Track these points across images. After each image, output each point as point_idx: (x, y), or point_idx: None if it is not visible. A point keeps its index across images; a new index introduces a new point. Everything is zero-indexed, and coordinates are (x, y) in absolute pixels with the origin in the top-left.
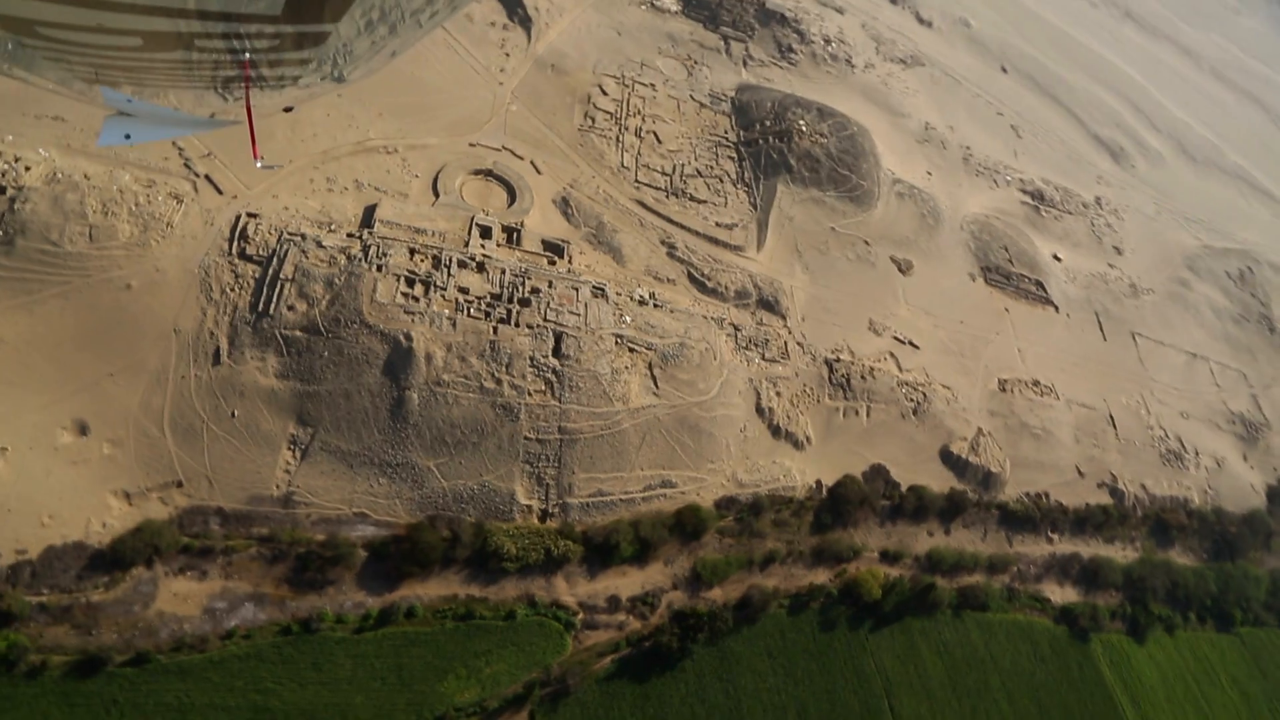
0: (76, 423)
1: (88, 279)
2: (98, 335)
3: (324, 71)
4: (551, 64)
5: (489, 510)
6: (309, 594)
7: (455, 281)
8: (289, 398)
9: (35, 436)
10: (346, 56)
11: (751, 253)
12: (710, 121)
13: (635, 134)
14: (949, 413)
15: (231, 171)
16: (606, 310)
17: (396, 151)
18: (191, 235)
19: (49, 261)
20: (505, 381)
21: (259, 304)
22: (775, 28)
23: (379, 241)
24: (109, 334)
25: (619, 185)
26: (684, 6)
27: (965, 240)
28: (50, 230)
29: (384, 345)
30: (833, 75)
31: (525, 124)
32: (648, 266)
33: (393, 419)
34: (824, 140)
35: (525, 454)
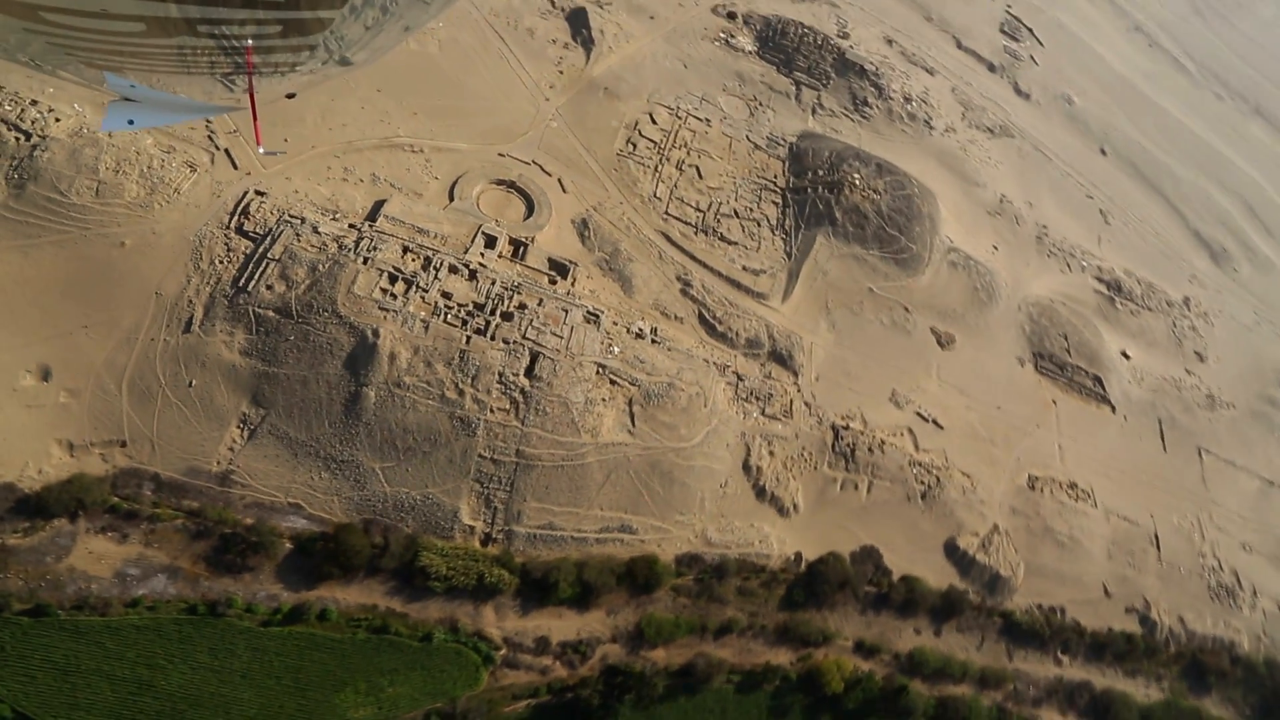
0: (41, 367)
1: (86, 232)
2: (83, 287)
3: (325, 56)
4: (605, 87)
5: (428, 524)
6: (224, 577)
7: (440, 285)
8: (248, 376)
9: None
10: (341, 41)
11: (775, 302)
12: (761, 163)
13: (676, 166)
14: (963, 503)
15: (252, 149)
16: (594, 337)
17: (421, 151)
18: (196, 204)
19: (53, 210)
20: (469, 394)
21: (240, 279)
22: (852, 79)
23: (374, 235)
24: (93, 287)
25: (646, 215)
26: (760, 48)
27: (1020, 322)
28: (60, 180)
29: (350, 338)
30: (907, 134)
31: (562, 142)
32: (656, 300)
33: (345, 414)
34: (876, 197)
35: (477, 472)
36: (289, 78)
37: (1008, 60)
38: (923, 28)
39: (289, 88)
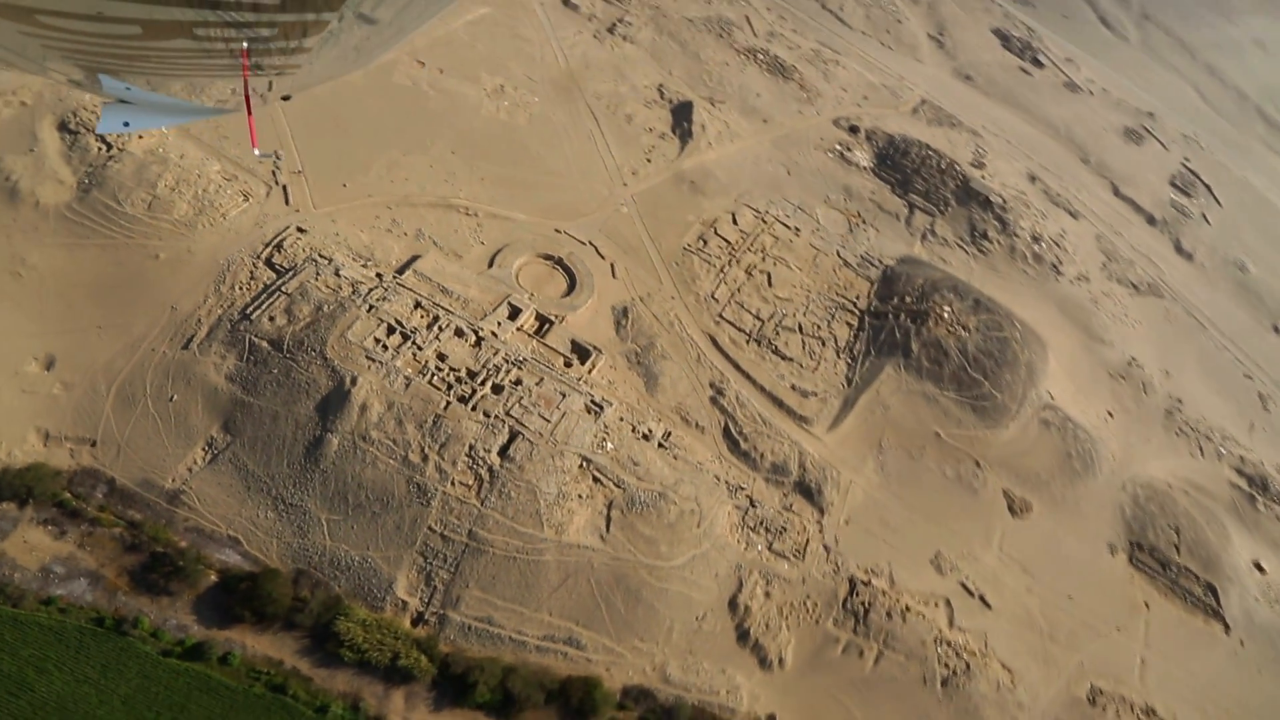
0: (47, 357)
1: (129, 240)
2: (109, 290)
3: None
4: (691, 180)
5: (361, 589)
6: (142, 595)
7: (439, 346)
8: (226, 401)
9: (9, 357)
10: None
11: (819, 429)
12: (845, 281)
13: (746, 270)
14: (995, 701)
15: (311, 190)
16: (587, 428)
17: (475, 215)
18: (236, 231)
19: (107, 216)
20: (433, 461)
21: (248, 307)
22: (974, 209)
23: (392, 286)
24: (118, 292)
25: (696, 314)
26: (876, 164)
27: (1121, 503)
28: (121, 190)
29: (329, 381)
30: (1028, 276)
31: (627, 228)
32: (680, 404)
33: (306, 457)
34: (964, 334)
35: (423, 544)
36: (284, 80)
37: (1172, 215)
38: (1076, 169)
39: (284, 89)
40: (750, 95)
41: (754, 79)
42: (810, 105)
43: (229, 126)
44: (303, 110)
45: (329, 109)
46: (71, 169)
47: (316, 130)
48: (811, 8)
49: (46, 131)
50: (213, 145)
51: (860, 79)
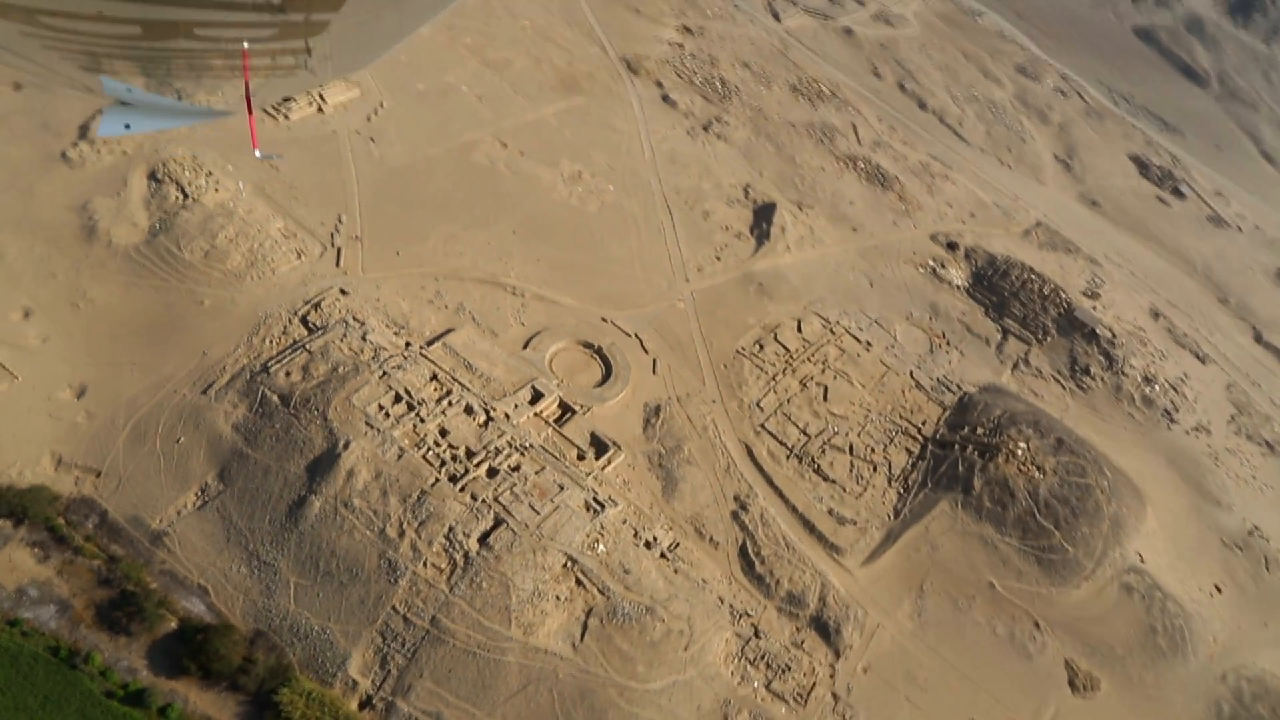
0: (80, 386)
1: (180, 285)
2: (151, 329)
3: (320, 62)
4: (760, 282)
5: (314, 660)
6: (103, 632)
7: (443, 421)
8: (227, 450)
9: (47, 383)
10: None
11: (851, 561)
12: (913, 404)
13: (801, 381)
14: None
15: (364, 255)
16: (580, 526)
17: (521, 295)
18: (282, 286)
19: (166, 260)
20: (409, 538)
21: (270, 361)
22: (1077, 341)
23: (415, 356)
24: (159, 332)
25: (736, 421)
26: (972, 284)
27: (1218, 696)
28: (184, 238)
29: (324, 442)
30: (1134, 421)
31: (679, 324)
32: (696, 515)
33: (287, 516)
34: (1037, 475)
35: (384, 624)
36: (284, 80)
37: None
38: (1212, 310)
39: (285, 91)
40: (843, 202)
41: (850, 186)
42: (908, 218)
43: (303, 186)
44: (375, 179)
45: (402, 180)
46: (148, 214)
47: (385, 198)
48: (927, 121)
49: (136, 178)
50: (282, 203)
51: (970, 196)
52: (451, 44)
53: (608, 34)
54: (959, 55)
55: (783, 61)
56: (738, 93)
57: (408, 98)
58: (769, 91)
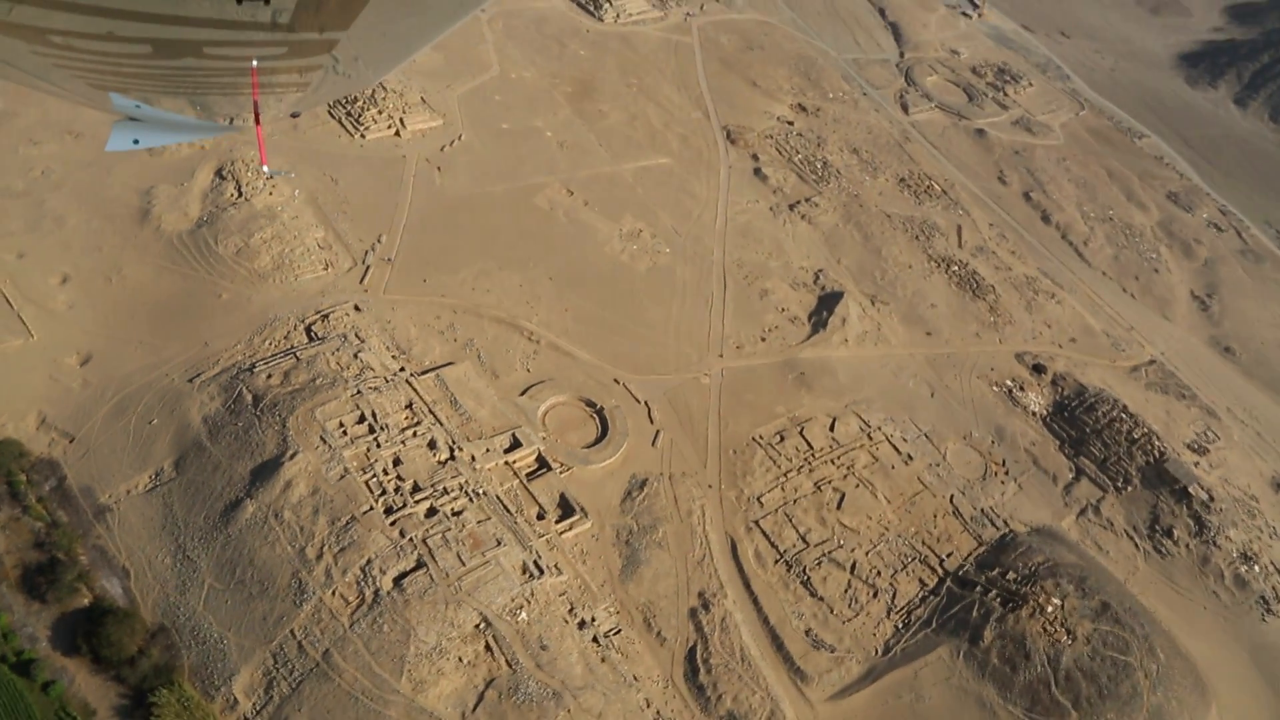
0: (86, 354)
1: (207, 276)
2: (168, 313)
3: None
4: (802, 371)
5: (204, 668)
6: (21, 594)
7: (400, 450)
8: (190, 439)
9: (58, 346)
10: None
11: (814, 692)
12: (944, 533)
13: (816, 483)
14: None
15: (390, 277)
16: (506, 587)
17: (536, 342)
18: (299, 293)
19: (201, 251)
20: (325, 563)
21: (259, 361)
22: (1164, 498)
23: (398, 380)
24: (173, 317)
25: (728, 512)
26: (1050, 413)
27: None
28: (222, 233)
29: (275, 449)
30: (1220, 602)
31: (697, 400)
32: (649, 603)
33: (222, 516)
34: (1064, 639)
35: (279, 647)
36: (293, 98)
37: None
38: None
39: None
40: (923, 303)
41: (936, 288)
42: (995, 331)
43: (355, 202)
44: (428, 206)
45: (454, 210)
46: (201, 206)
47: (431, 225)
48: (1046, 235)
49: (203, 172)
50: (329, 214)
51: (1076, 319)
52: (550, 90)
53: (716, 102)
54: (1103, 173)
55: (897, 153)
56: (838, 176)
57: (488, 134)
58: (872, 180)
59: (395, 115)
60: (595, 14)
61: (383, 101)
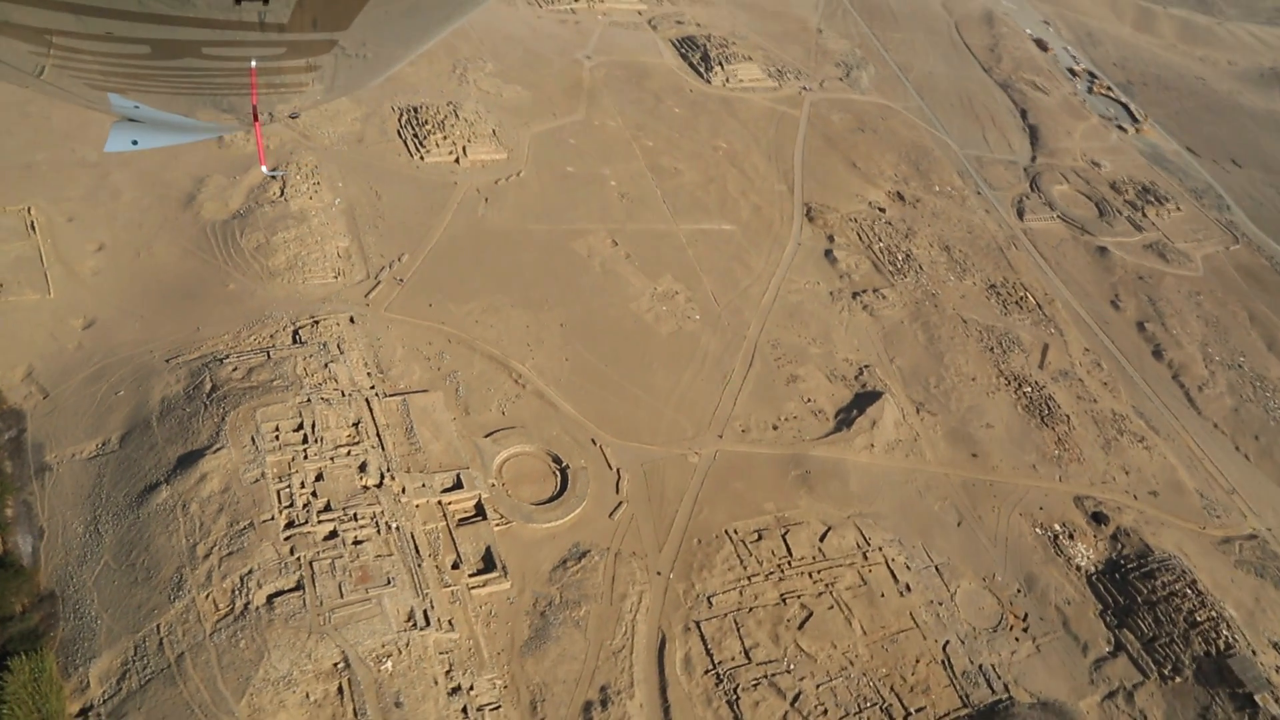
0: (90, 320)
1: (224, 265)
2: (177, 294)
3: (330, 80)
4: (807, 470)
5: (72, 644)
6: None
7: (326, 466)
8: (143, 417)
9: (69, 309)
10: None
11: None
12: (923, 680)
13: (783, 595)
14: None
15: (398, 297)
16: (379, 630)
17: (523, 386)
18: (302, 296)
19: (226, 242)
20: (210, 563)
21: (232, 354)
22: (1219, 701)
23: (356, 398)
24: (179, 298)
25: (670, 606)
26: (1098, 570)
27: None
28: (249, 228)
29: (206, 440)
30: None
31: (677, 478)
32: (542, 685)
33: (139, 496)
34: None
35: (143, 639)
36: (291, 100)
37: None
38: None
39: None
40: (976, 421)
41: (997, 407)
42: (1057, 467)
43: (390, 219)
44: (461, 233)
45: (487, 242)
46: (243, 200)
47: (457, 252)
48: (1154, 372)
49: (257, 170)
50: (361, 226)
51: (1165, 471)
52: (629, 142)
53: (806, 178)
54: (1243, 315)
55: (995, 257)
56: (918, 271)
57: (550, 175)
58: (957, 281)
59: (460, 143)
60: (704, 75)
61: (450, 128)
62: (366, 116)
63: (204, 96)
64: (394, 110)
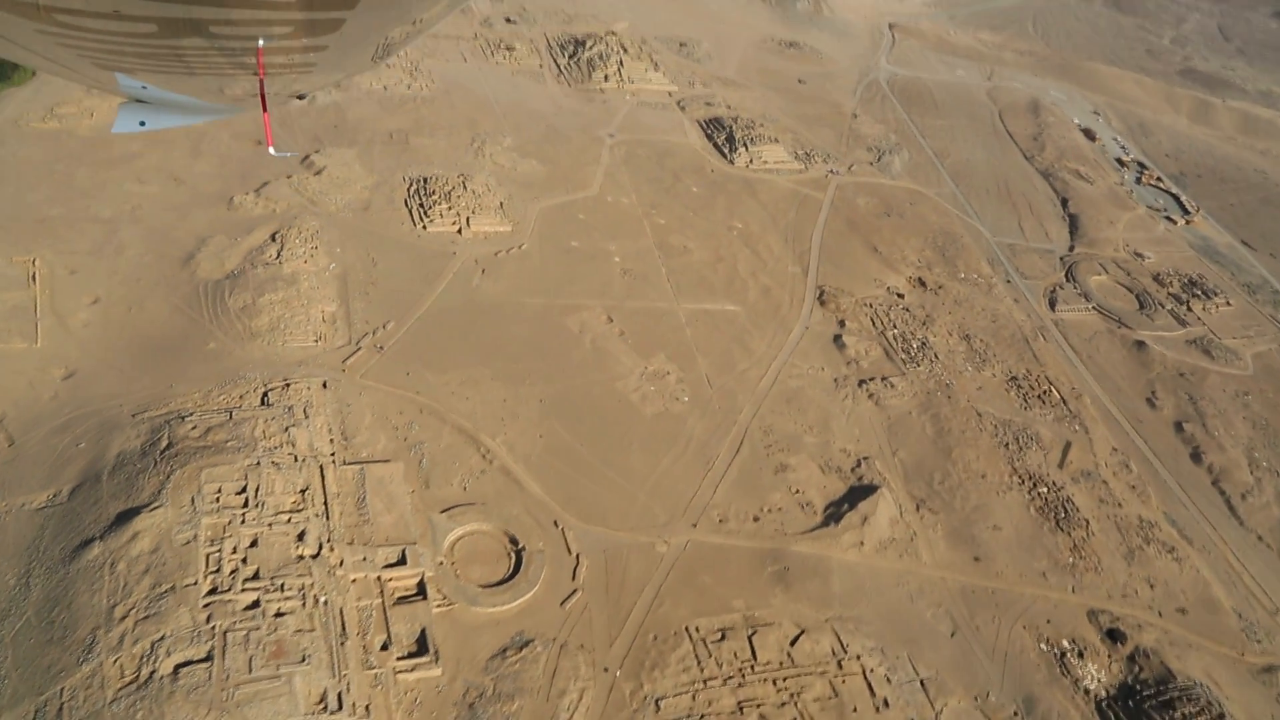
0: (71, 371)
1: (209, 324)
2: (159, 350)
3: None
4: (787, 567)
5: None
6: None
7: (263, 533)
8: (95, 471)
9: (54, 357)
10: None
11: None
12: None
13: (740, 703)
14: None
15: (375, 365)
16: (285, 712)
17: (489, 462)
18: (279, 358)
19: (214, 301)
20: (124, 626)
21: (194, 413)
22: None
23: (309, 463)
24: (161, 355)
25: (611, 707)
26: (1111, 695)
27: None
28: (239, 288)
29: (147, 497)
30: None
31: (641, 568)
32: None
33: (72, 551)
34: None
35: (45, 703)
36: (299, 80)
37: None
38: None
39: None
40: (982, 522)
41: (1007, 508)
42: (1070, 576)
43: (382, 286)
44: (451, 304)
45: (477, 314)
46: (239, 261)
47: (444, 322)
48: (1191, 477)
49: (259, 232)
50: (352, 292)
51: (1197, 587)
52: (642, 219)
53: (823, 261)
54: None
55: (1019, 348)
56: (933, 361)
57: (552, 249)
58: (975, 372)
59: (464, 214)
60: (727, 156)
61: (456, 199)
62: (377, 185)
63: (211, 76)
64: (405, 180)
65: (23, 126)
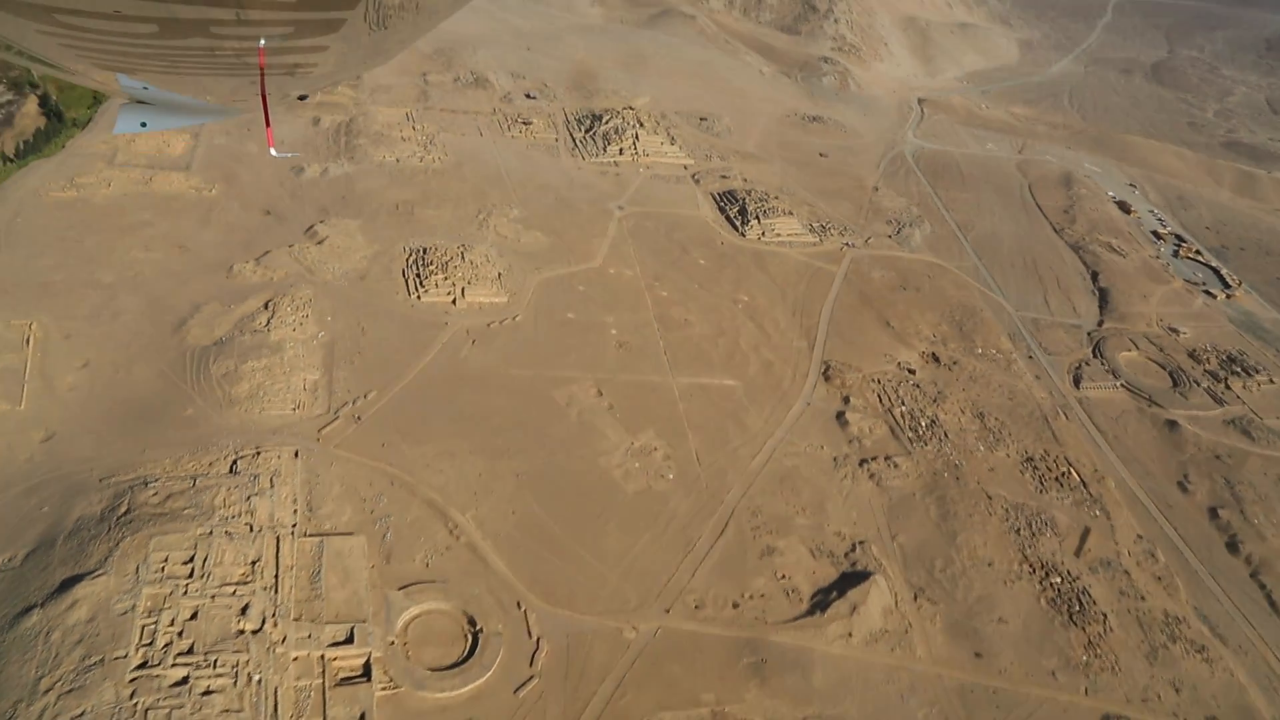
0: (51, 434)
1: (190, 391)
2: (137, 415)
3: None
4: (763, 658)
5: None
6: None
7: (204, 605)
8: (52, 536)
9: (36, 420)
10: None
11: None
12: None
13: None
14: None
15: (351, 436)
16: None
17: (456, 539)
18: (255, 426)
19: (198, 368)
20: (48, 699)
21: (159, 479)
22: None
23: (265, 534)
24: (139, 420)
25: None
26: None
27: None
28: (222, 355)
29: (94, 564)
30: None
31: (605, 655)
32: None
33: (14, 618)
34: None
35: None
36: (299, 79)
37: None
38: None
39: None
40: (986, 614)
41: (1015, 600)
42: (1083, 677)
43: (369, 356)
44: (437, 374)
45: (461, 386)
46: (228, 329)
47: (427, 394)
48: (1226, 567)
49: (253, 300)
50: (335, 361)
51: (1230, 692)
52: (644, 291)
53: (831, 335)
54: None
55: (1038, 427)
56: (942, 440)
57: (548, 321)
58: (987, 452)
59: (459, 284)
60: (739, 229)
61: (453, 269)
62: (376, 255)
63: (212, 77)
64: (404, 250)
65: (42, 196)
